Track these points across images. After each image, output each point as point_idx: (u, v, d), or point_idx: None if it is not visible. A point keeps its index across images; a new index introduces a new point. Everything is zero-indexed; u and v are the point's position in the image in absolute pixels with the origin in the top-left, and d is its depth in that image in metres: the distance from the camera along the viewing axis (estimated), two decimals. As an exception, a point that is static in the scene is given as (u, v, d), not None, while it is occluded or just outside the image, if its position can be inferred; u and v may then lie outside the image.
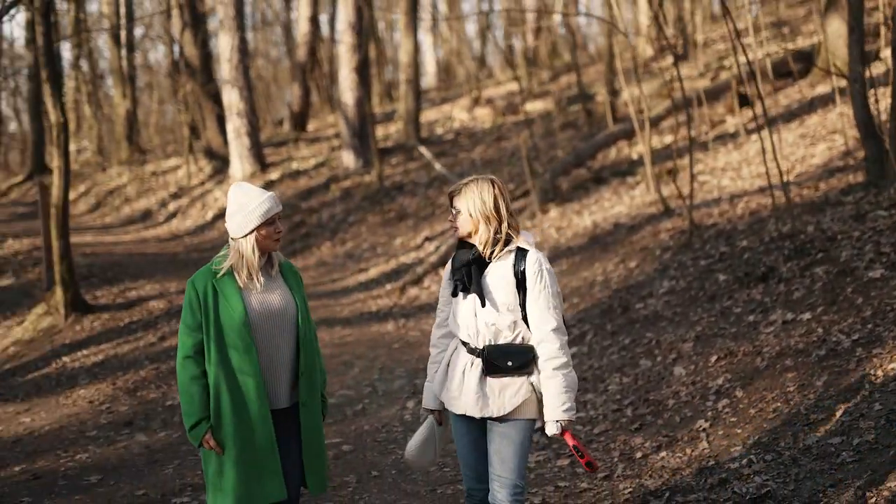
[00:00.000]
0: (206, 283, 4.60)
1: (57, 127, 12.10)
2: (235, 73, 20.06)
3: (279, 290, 4.68)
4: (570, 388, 4.48)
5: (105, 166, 29.91)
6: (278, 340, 4.64)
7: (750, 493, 5.68)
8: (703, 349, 7.82)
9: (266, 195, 4.61)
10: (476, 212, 4.52)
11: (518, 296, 4.52)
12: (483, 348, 4.53)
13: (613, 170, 14.12)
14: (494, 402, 4.52)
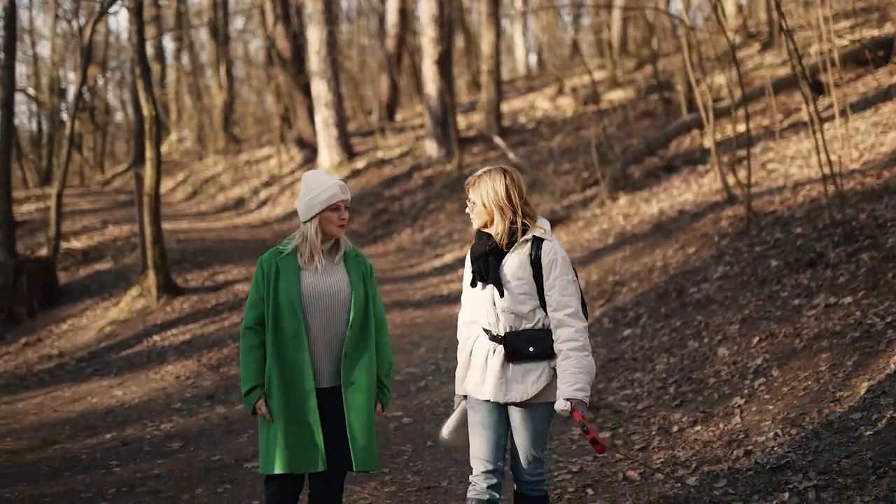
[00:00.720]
0: (272, 262, 4.89)
1: (149, 120, 12.85)
2: (324, 65, 20.74)
3: (337, 276, 4.89)
4: (583, 370, 4.58)
5: (202, 155, 30.95)
6: (328, 322, 4.86)
7: (770, 463, 6.05)
8: (747, 331, 8.15)
9: (333, 182, 4.87)
10: (490, 202, 4.65)
11: (535, 283, 4.65)
12: (504, 335, 4.66)
13: (685, 158, 14.37)
14: (517, 387, 4.65)
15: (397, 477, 7.07)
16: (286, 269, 4.87)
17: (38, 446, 9.08)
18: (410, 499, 6.64)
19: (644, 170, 14.40)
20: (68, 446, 8.96)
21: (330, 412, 4.86)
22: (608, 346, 9.29)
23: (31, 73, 44.23)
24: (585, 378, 4.58)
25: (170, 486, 7.42)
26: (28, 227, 21.21)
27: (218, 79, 31.66)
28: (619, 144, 16.19)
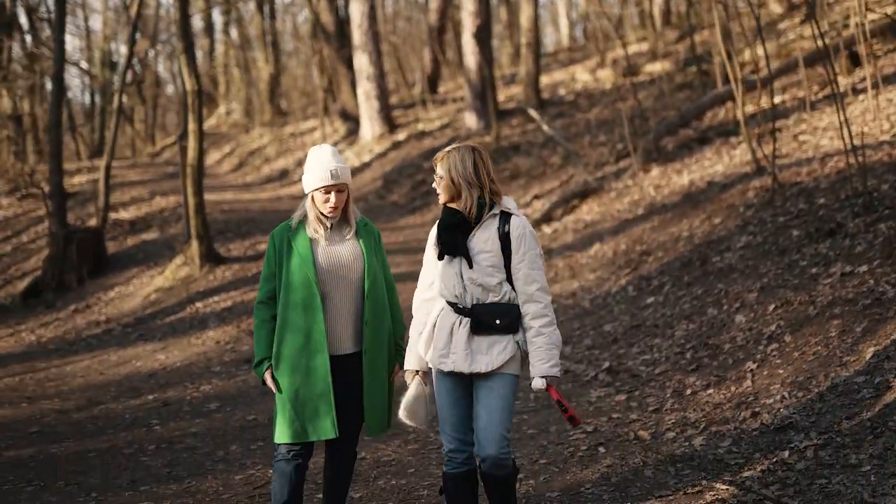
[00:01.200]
0: (283, 237, 5.02)
1: (191, 94, 13.24)
2: (365, 38, 21.04)
3: (349, 246, 5.01)
4: (555, 345, 4.68)
5: (248, 128, 31.40)
6: (344, 292, 4.98)
7: (775, 424, 6.31)
8: (764, 299, 8.36)
9: (329, 168, 4.92)
10: (458, 177, 4.70)
11: (503, 257, 4.71)
12: (472, 307, 4.70)
13: (718, 130, 14.49)
14: (482, 358, 4.68)
15: (420, 436, 7.40)
16: (297, 242, 4.98)
17: (85, 406, 9.54)
18: (431, 455, 6.97)
19: (678, 141, 14.55)
20: (112, 406, 9.41)
21: (347, 379, 4.98)
22: (631, 313, 9.54)
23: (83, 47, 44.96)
24: (556, 353, 4.68)
25: (206, 443, 7.81)
26: (79, 199, 21.79)
27: (264, 52, 32.05)
28: (655, 116, 16.32)
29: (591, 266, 11.32)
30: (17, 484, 7.11)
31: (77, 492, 6.83)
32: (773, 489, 5.44)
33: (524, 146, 17.60)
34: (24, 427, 8.86)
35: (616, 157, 14.86)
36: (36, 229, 20.57)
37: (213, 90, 42.72)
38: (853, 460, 5.52)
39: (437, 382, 4.84)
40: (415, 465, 6.82)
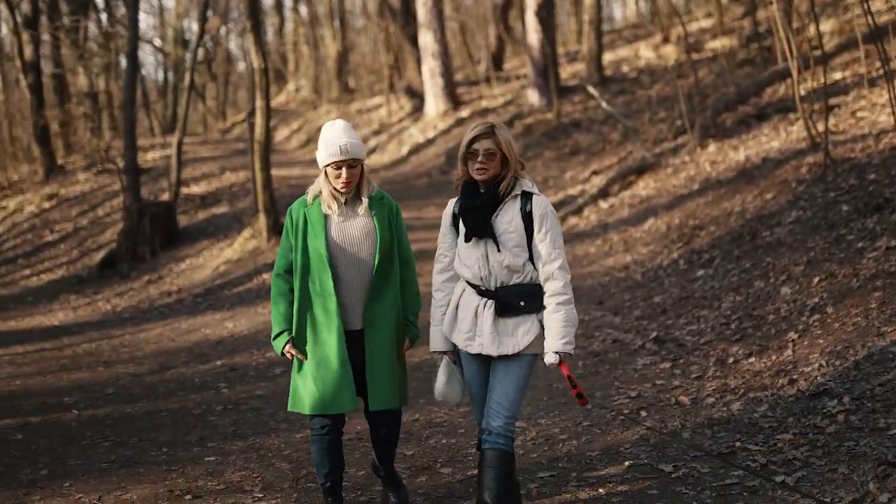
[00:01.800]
0: (299, 211, 5.05)
1: (258, 72, 13.69)
2: (430, 16, 21.36)
3: (362, 222, 5.02)
4: (570, 322, 4.63)
5: (317, 105, 31.88)
6: (356, 267, 5.01)
7: (811, 390, 6.56)
8: (810, 272, 8.57)
9: (339, 143, 4.91)
10: (508, 152, 4.66)
11: (526, 237, 4.67)
12: (496, 289, 4.68)
13: (777, 106, 14.58)
14: (509, 340, 4.65)
15: (471, 400, 7.75)
16: (312, 218, 5.02)
17: (157, 370, 10.05)
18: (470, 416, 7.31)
19: (736, 118, 14.67)
20: (183, 371, 9.90)
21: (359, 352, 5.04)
22: (680, 285, 9.78)
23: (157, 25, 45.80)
24: (571, 331, 4.64)
25: (270, 404, 8.25)
26: (152, 174, 22.46)
27: (332, 30, 32.49)
28: (715, 93, 16.43)
29: (644, 240, 11.56)
30: (94, 439, 7.60)
31: (149, 447, 7.30)
32: (803, 450, 5.71)
33: (585, 123, 17.81)
34: (100, 389, 9.39)
35: (674, 134, 15.03)
36: (111, 203, 21.28)
37: (283, 67, 43.36)
38: (881, 424, 5.77)
39: (465, 364, 4.86)
40: (465, 426, 7.18)
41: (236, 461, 6.77)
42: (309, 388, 5.00)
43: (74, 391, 9.35)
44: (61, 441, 7.59)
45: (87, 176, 25.61)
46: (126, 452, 7.20)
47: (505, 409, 4.66)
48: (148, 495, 6.12)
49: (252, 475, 6.41)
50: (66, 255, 18.86)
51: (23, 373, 10.33)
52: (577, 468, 6.03)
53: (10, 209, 25.41)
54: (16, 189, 28.17)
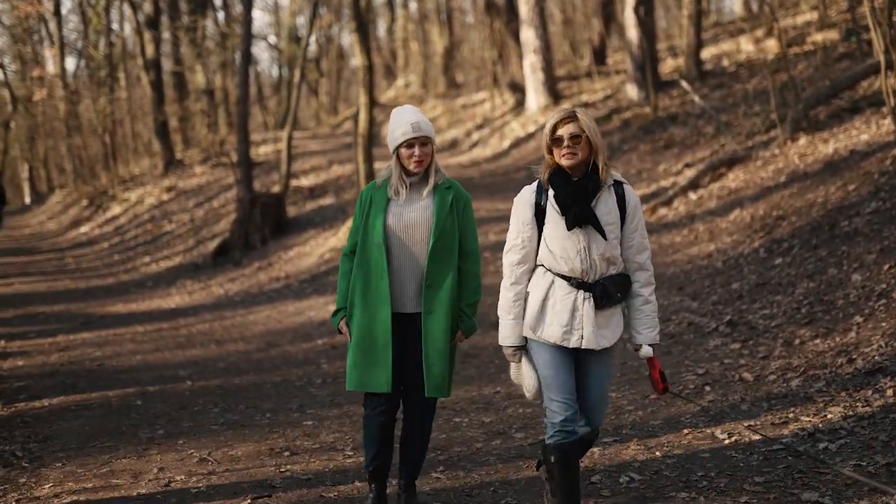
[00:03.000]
0: (369, 194, 5.19)
1: (363, 70, 14.41)
2: (532, 13, 21.88)
3: (423, 207, 5.07)
4: (656, 312, 4.75)
5: (423, 100, 32.64)
6: (410, 251, 5.08)
7: (866, 368, 6.95)
8: (882, 260, 8.88)
9: (407, 120, 5.02)
10: (596, 137, 4.57)
11: (620, 226, 4.64)
12: (595, 282, 4.60)
13: (871, 100, 14.72)
14: (607, 333, 4.65)
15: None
16: (377, 201, 5.12)
17: (264, 348, 10.82)
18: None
19: (829, 111, 14.86)
20: (288, 349, 10.65)
21: (412, 338, 5.10)
22: (758, 273, 10.15)
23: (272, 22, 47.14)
24: (658, 321, 4.74)
25: (365, 378, 8.91)
26: (265, 167, 23.46)
27: (439, 26, 33.20)
28: (812, 87, 16.60)
29: (728, 230, 11.92)
30: (205, 406, 8.37)
31: (254, 413, 8.04)
32: (850, 421, 6.13)
33: (681, 116, 18.12)
34: (212, 363, 10.19)
35: (766, 127, 15.27)
36: (225, 195, 22.34)
37: (393, 63, 44.28)
38: (926, 398, 6.16)
39: (548, 354, 4.67)
40: (541, 397, 7.73)
41: (331, 425, 7.45)
42: (354, 364, 5.11)
43: (188, 365, 10.16)
44: (176, 407, 8.38)
45: (203, 169, 26.79)
46: (233, 417, 7.94)
47: (601, 406, 4.83)
48: (251, 452, 6.83)
49: (344, 437, 7.08)
50: (182, 243, 19.93)
51: (143, 349, 11.21)
52: (639, 434, 6.55)
53: (132, 201, 26.75)
54: (137, 182, 29.59)
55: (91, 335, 12.21)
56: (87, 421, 8.00)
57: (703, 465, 5.81)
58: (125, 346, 11.39)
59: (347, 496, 5.74)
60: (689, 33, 20.26)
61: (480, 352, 9.53)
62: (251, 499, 5.76)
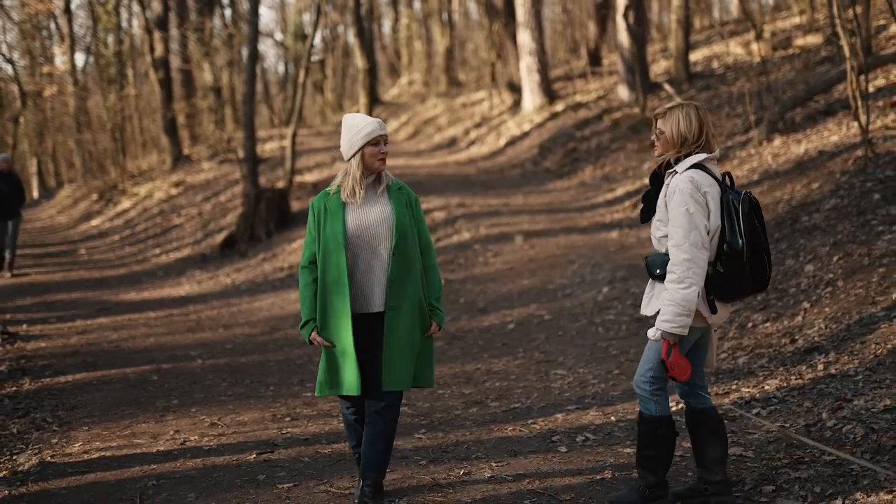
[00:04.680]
0: (321, 203, 5.25)
1: (363, 72, 15.31)
2: (528, 16, 22.72)
3: (380, 207, 5.21)
4: (675, 302, 4.79)
5: (425, 98, 33.49)
6: (374, 251, 5.18)
7: (805, 347, 7.80)
8: (833, 252, 9.72)
9: (371, 119, 5.19)
10: (679, 133, 4.92)
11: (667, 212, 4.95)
12: (646, 257, 5.10)
13: (844, 103, 15.55)
14: (655, 303, 5.04)
15: (528, 354, 9.18)
16: (331, 208, 5.21)
17: (268, 332, 11.68)
18: (531, 367, 8.74)
19: (805, 113, 15.68)
20: (290, 332, 11.51)
21: (380, 336, 5.24)
22: (724, 264, 10.97)
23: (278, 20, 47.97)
24: (674, 310, 4.79)
25: (360, 357, 9.77)
26: (271, 163, 24.32)
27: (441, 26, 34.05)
28: (792, 89, 17.41)
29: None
30: (214, 381, 9.24)
31: (259, 386, 8.90)
32: (783, 391, 6.99)
33: (668, 117, 18.95)
34: (220, 345, 11.05)
35: (745, 129, 16.10)
36: (232, 190, 23.19)
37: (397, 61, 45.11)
38: (851, 371, 7.01)
39: None
40: (516, 373, 8.60)
41: (329, 396, 8.30)
42: (321, 368, 5.29)
43: (198, 347, 11.02)
44: (188, 382, 9.25)
45: (210, 165, 27.65)
46: (240, 390, 8.81)
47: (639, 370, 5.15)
48: (256, 418, 7.70)
49: (338, 406, 7.91)
50: (191, 236, 20.80)
51: (155, 333, 12.07)
52: (598, 403, 7.41)
53: (141, 195, 27.62)
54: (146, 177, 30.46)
55: (107, 320, 13.07)
56: (108, 393, 8.87)
57: (650, 427, 6.67)
58: (139, 330, 12.25)
59: (340, 452, 6.61)
60: (678, 37, 21.07)
61: (466, 335, 10.36)
62: (256, 454, 6.63)
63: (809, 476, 5.46)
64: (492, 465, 6.13)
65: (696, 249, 4.78)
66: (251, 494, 5.86)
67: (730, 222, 4.89)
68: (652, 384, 5.06)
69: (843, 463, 5.56)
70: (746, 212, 4.91)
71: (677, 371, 4.90)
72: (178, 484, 6.14)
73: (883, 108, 14.29)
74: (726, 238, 4.88)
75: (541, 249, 13.23)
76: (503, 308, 11.05)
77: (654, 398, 5.08)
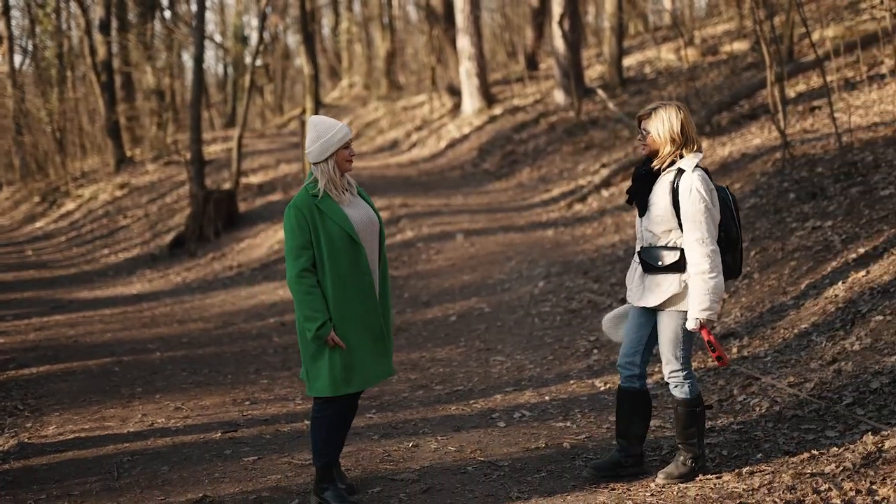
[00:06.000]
0: (310, 206, 5.25)
1: (309, 78, 15.85)
2: (467, 22, 23.42)
3: (363, 205, 5.44)
4: (709, 291, 5.19)
5: (366, 101, 34.08)
6: (372, 245, 5.41)
7: (722, 332, 8.57)
8: (751, 246, 10.51)
9: (342, 125, 5.32)
10: (665, 133, 5.25)
11: (673, 209, 5.24)
12: (640, 249, 5.42)
13: (767, 108, 16.44)
14: (651, 294, 5.38)
15: (469, 343, 9.85)
16: (328, 208, 5.26)
17: (221, 326, 12.22)
18: (472, 354, 9.41)
19: (730, 118, 16.54)
20: (243, 326, 12.07)
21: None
22: (652, 259, 11.75)
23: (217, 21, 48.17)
24: (710, 298, 5.21)
25: (311, 348, 10.37)
26: (214, 165, 24.76)
27: (381, 30, 34.66)
28: (720, 94, 18.28)
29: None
30: (174, 371, 9.79)
31: (217, 375, 9.48)
32: (699, 372, 7.73)
33: (601, 121, 19.74)
34: (176, 339, 11.58)
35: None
36: (178, 192, 23.63)
37: (338, 64, 45.59)
38: (761, 353, 7.79)
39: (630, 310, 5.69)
40: (458, 360, 9.27)
41: (283, 382, 8.93)
42: (359, 365, 5.36)
43: (155, 341, 11.53)
44: (149, 372, 9.79)
45: (154, 167, 28.00)
46: (199, 378, 9.38)
47: (665, 359, 5.51)
48: (218, 402, 8.29)
49: (294, 391, 8.56)
50: (139, 236, 21.23)
51: (112, 328, 12.55)
52: (534, 385, 8.10)
53: (85, 197, 27.90)
54: (89, 179, 30.70)
55: (62, 317, 13.53)
56: (72, 383, 9.40)
57: (581, 405, 7.39)
58: (95, 326, 12.72)
59: (299, 430, 7.24)
60: (612, 43, 21.91)
61: (410, 326, 10.99)
62: (221, 433, 7.23)
63: (718, 442, 6.19)
64: (437, 439, 6.80)
65: (715, 242, 5.22)
66: (219, 466, 6.47)
67: (727, 214, 5.37)
68: (684, 369, 5.47)
69: (747, 430, 6.30)
70: (735, 204, 5.45)
71: (720, 352, 5.33)
72: (151, 459, 6.73)
73: (802, 112, 15.18)
74: (723, 228, 5.36)
75: (481, 247, 13.91)
76: (445, 301, 11.70)
77: (689, 381, 5.50)
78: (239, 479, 6.21)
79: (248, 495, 5.88)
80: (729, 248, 5.42)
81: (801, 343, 7.73)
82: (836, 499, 5.02)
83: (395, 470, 6.13)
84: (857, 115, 14.02)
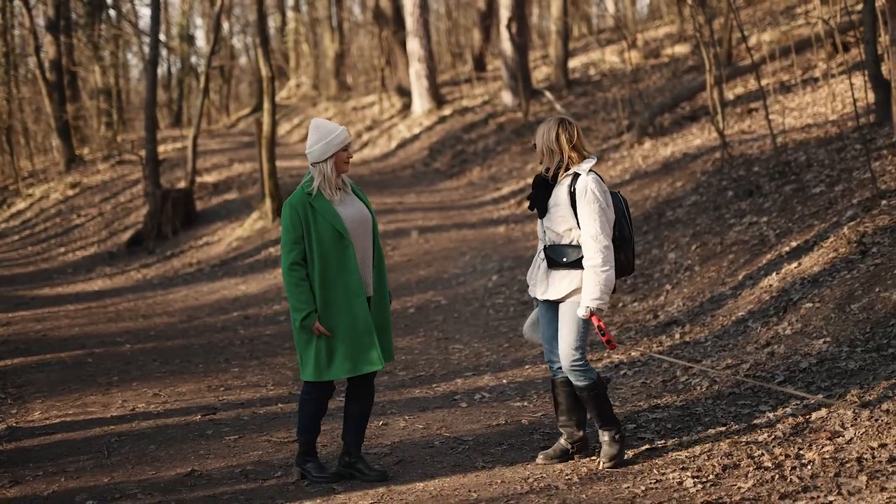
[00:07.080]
0: (304, 203, 5.59)
1: (266, 80, 16.29)
2: (416, 24, 23.97)
3: (358, 204, 5.76)
4: (601, 283, 5.59)
5: (316, 101, 34.48)
6: (364, 242, 5.72)
7: (665, 321, 9.21)
8: (692, 241, 11.17)
9: (342, 128, 5.64)
10: (542, 145, 5.74)
11: (572, 209, 5.63)
12: (545, 248, 5.81)
13: (707, 109, 17.17)
14: (554, 288, 5.78)
15: (428, 333, 10.42)
16: (321, 206, 5.60)
17: (187, 320, 12.66)
18: (432, 343, 9.97)
19: (672, 119, 17.26)
20: (208, 320, 12.52)
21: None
22: (599, 254, 12.38)
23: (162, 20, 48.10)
24: (601, 289, 5.60)
25: (277, 339, 10.85)
26: (168, 164, 25.06)
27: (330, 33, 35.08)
28: (661, 96, 19.00)
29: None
30: (146, 361, 10.23)
31: (189, 365, 9.94)
32: (644, 356, 8.35)
33: (549, 121, 20.39)
34: (144, 332, 12.00)
35: (619, 132, 17.61)
36: (132, 191, 23.92)
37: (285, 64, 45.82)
38: (701, 339, 8.43)
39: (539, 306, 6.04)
40: (419, 349, 9.83)
41: (254, 370, 9.42)
42: (341, 354, 5.69)
43: (124, 334, 11.94)
44: (122, 362, 10.23)
45: (105, 166, 28.18)
46: (172, 368, 9.84)
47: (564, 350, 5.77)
48: (193, 389, 8.77)
49: (265, 378, 9.06)
50: (95, 235, 21.51)
51: (78, 323, 12.94)
52: (492, 370, 8.69)
53: (36, 196, 28.02)
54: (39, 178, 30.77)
55: (27, 313, 13.88)
56: (49, 374, 9.81)
57: (536, 386, 7.99)
58: (62, 321, 13.10)
59: (273, 413, 7.76)
60: (558, 46, 22.59)
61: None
62: (201, 416, 7.73)
63: (663, 417, 6.81)
64: (405, 418, 7.35)
65: (609, 239, 5.61)
66: (203, 444, 6.97)
67: (621, 215, 5.79)
68: (583, 357, 5.80)
69: (689, 407, 6.93)
70: (627, 208, 5.88)
71: (609, 336, 5.74)
72: (138, 439, 7.21)
73: (740, 114, 15.93)
74: (617, 228, 5.75)
75: (435, 243, 14.48)
76: (403, 295, 12.23)
77: (588, 367, 5.82)
78: (223, 455, 6.71)
79: (234, 469, 6.39)
80: (622, 247, 5.80)
81: (738, 329, 8.39)
82: (768, 462, 5.63)
83: (368, 445, 6.67)
84: (792, 117, 14.77)
